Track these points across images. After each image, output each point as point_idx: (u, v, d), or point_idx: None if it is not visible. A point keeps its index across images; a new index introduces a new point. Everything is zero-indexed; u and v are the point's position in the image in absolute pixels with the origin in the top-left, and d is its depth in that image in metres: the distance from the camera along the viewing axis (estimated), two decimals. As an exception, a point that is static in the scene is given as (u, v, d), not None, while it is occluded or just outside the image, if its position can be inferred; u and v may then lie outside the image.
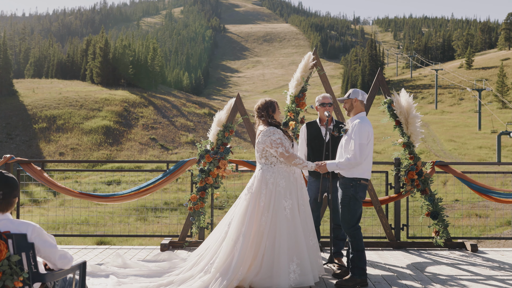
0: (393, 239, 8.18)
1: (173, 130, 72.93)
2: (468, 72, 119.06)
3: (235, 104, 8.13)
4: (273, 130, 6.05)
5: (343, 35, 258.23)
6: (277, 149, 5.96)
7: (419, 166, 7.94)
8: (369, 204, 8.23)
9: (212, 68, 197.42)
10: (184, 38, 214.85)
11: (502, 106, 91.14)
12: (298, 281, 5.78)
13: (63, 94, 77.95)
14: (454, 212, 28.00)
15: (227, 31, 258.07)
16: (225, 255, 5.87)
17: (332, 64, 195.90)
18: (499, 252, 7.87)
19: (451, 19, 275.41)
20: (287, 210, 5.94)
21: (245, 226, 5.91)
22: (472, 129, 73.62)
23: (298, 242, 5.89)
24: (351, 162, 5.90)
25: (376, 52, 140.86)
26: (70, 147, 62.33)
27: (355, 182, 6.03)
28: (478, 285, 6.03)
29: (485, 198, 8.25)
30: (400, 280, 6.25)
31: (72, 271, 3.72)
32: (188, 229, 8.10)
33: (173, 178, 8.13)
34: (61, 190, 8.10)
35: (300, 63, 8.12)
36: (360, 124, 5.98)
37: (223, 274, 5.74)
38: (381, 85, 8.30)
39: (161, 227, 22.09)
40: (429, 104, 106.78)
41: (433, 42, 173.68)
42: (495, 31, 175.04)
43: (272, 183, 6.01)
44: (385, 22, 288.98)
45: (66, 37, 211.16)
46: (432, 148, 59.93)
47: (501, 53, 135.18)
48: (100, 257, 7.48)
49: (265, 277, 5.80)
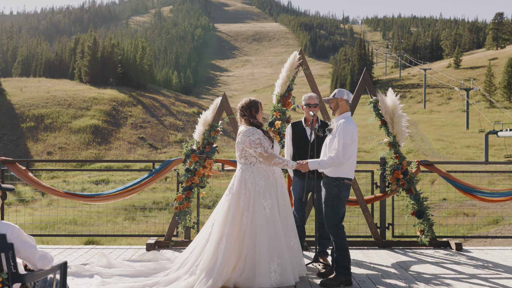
0: (378, 238, 8.21)
1: (162, 129, 72.77)
2: (456, 72, 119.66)
3: (221, 103, 8.12)
4: (252, 130, 6.05)
5: (332, 34, 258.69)
6: (256, 149, 5.97)
7: (405, 165, 7.97)
8: (355, 203, 8.25)
9: (201, 67, 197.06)
10: (173, 37, 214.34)
11: (489, 105, 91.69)
12: (279, 281, 5.78)
13: (51, 93, 77.54)
14: (442, 211, 28.14)
15: (216, 30, 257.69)
16: (209, 256, 5.87)
17: (321, 64, 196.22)
18: (484, 251, 7.91)
19: (439, 19, 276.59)
20: (266, 210, 5.94)
21: (227, 227, 5.91)
22: (460, 128, 74.02)
23: (279, 242, 5.89)
24: (334, 161, 5.91)
25: (365, 52, 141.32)
26: (58, 146, 62.02)
27: (338, 181, 6.05)
28: (462, 284, 6.07)
29: (470, 197, 8.28)
30: (385, 279, 6.28)
31: (53, 271, 3.69)
32: (174, 228, 8.09)
33: (158, 177, 8.11)
34: (46, 190, 8.06)
35: (286, 62, 8.13)
36: (345, 124, 5.99)
37: (207, 274, 5.74)
38: (367, 84, 8.32)
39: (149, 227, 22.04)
40: (417, 103, 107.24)
41: (421, 41, 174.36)
42: (483, 31, 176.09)
43: (251, 183, 6.01)
44: (374, 21, 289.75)
45: (54, 35, 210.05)
46: (421, 147, 60.19)
47: (489, 52, 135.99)
48: (85, 257, 7.45)
49: (248, 277, 5.80)
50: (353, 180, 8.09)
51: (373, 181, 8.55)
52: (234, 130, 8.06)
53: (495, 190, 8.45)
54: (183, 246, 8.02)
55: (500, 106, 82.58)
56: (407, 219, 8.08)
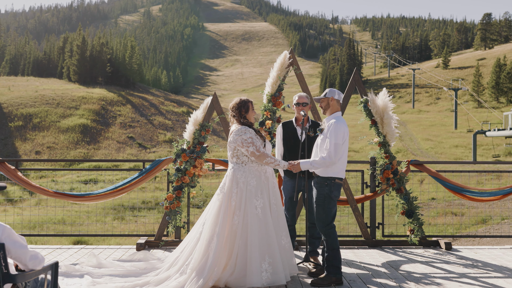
0: (368, 237, 8.24)
1: (151, 129, 72.55)
2: (444, 72, 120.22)
3: (211, 103, 8.11)
4: (244, 129, 6.05)
5: (321, 34, 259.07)
6: (248, 148, 5.97)
7: (395, 165, 8.00)
8: (345, 203, 8.28)
9: (191, 66, 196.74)
10: (162, 36, 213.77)
11: (478, 105, 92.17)
12: (270, 280, 5.79)
13: (40, 92, 77.08)
14: (430, 211, 28.24)
15: (206, 29, 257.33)
16: (200, 255, 5.87)
17: (310, 63, 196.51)
18: (473, 250, 7.96)
19: (428, 19, 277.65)
20: (258, 209, 5.94)
21: (218, 226, 5.90)
22: (449, 128, 74.36)
23: (270, 241, 5.89)
24: (325, 161, 5.92)
25: (354, 52, 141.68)
26: (46, 146, 61.66)
27: (329, 181, 6.06)
28: (452, 283, 6.10)
29: (459, 197, 8.33)
30: (375, 278, 6.30)
31: (44, 272, 3.67)
32: (164, 228, 8.07)
33: (149, 177, 8.08)
34: (35, 189, 8.01)
35: (276, 61, 8.13)
36: (336, 124, 6.00)
37: (198, 274, 5.73)
38: (357, 84, 8.34)
39: (138, 226, 22.00)
40: (406, 103, 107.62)
41: (410, 41, 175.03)
42: (471, 31, 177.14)
43: (243, 182, 6.01)
44: (363, 21, 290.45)
45: (43, 34, 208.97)
46: (409, 146, 60.42)
47: (477, 53, 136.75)
48: (75, 257, 7.42)
49: (239, 276, 5.80)
50: (344, 180, 8.11)
51: (363, 181, 8.58)
52: (225, 129, 8.05)
53: (484, 190, 8.50)
54: (173, 246, 8.01)
55: (488, 106, 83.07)
56: (397, 218, 8.10)
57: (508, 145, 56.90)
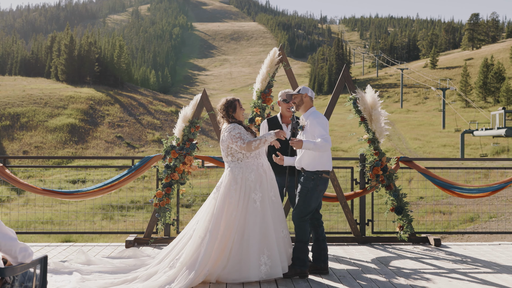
0: (358, 234, 8.25)
1: (140, 128, 72.37)
2: (432, 72, 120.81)
3: (201, 99, 8.08)
4: (233, 126, 6.08)
5: (310, 34, 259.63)
6: (236, 143, 5.98)
7: (384, 161, 8.02)
8: (335, 199, 8.28)
9: (179, 66, 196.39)
10: (151, 36, 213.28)
11: (465, 105, 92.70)
12: (269, 273, 5.82)
13: (27, 91, 76.64)
14: (419, 209, 28.35)
15: (194, 29, 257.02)
16: (191, 250, 5.85)
17: (299, 63, 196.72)
18: (462, 246, 7.99)
19: (416, 19, 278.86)
20: (257, 202, 5.96)
21: (212, 223, 5.89)
22: (437, 128, 74.72)
23: (268, 235, 5.91)
24: (326, 144, 5.88)
25: (343, 51, 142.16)
26: (34, 145, 61.32)
27: (316, 175, 6.09)
28: (441, 278, 6.11)
29: (448, 193, 8.36)
30: (365, 274, 6.30)
31: (33, 266, 3.62)
32: (153, 225, 8.03)
33: (138, 174, 8.04)
34: (23, 187, 7.94)
35: (266, 58, 8.12)
36: (316, 115, 6.13)
37: (189, 268, 5.71)
38: (347, 81, 8.34)
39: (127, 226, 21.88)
40: (394, 103, 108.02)
41: (398, 41, 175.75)
42: (459, 32, 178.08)
43: (241, 178, 6.01)
44: (351, 21, 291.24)
45: (30, 33, 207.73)
46: (398, 146, 60.67)
47: (465, 53, 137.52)
48: (64, 254, 7.36)
49: (232, 270, 5.80)
50: (333, 177, 8.12)
51: (352, 178, 8.59)
52: (214, 127, 8.04)
53: (473, 186, 8.54)
54: (163, 243, 7.98)
55: (475, 105, 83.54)
56: (387, 215, 8.12)
57: (495, 144, 57.27)
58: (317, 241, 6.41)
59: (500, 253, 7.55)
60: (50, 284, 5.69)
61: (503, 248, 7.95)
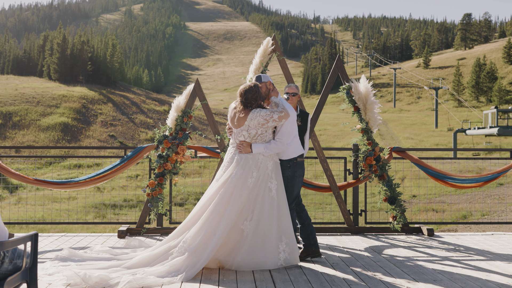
0: (351, 224, 8.24)
1: (133, 127, 72.21)
2: (425, 71, 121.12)
3: (194, 89, 8.05)
4: (258, 109, 5.91)
5: (303, 33, 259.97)
6: (272, 117, 5.85)
7: (377, 151, 8.01)
8: (328, 190, 8.26)
9: (172, 65, 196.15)
10: (144, 35, 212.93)
11: (458, 104, 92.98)
12: (288, 261, 5.83)
13: (20, 90, 76.30)
14: (412, 207, 28.41)
15: (187, 28, 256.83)
16: (203, 236, 5.69)
17: (292, 63, 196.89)
18: (455, 236, 8.00)
19: (409, 19, 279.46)
20: (273, 191, 5.94)
21: (228, 210, 5.76)
22: (429, 127, 74.89)
23: (285, 222, 5.90)
24: (279, 146, 6.05)
25: (336, 51, 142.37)
26: (26, 144, 61.05)
27: (292, 162, 6.19)
28: (435, 265, 6.11)
29: (441, 184, 8.36)
30: (358, 261, 6.29)
31: (23, 242, 3.53)
32: (146, 215, 7.98)
33: (131, 164, 8.00)
34: (15, 177, 7.87)
35: (259, 48, 8.10)
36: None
37: (198, 254, 5.55)
38: (340, 71, 8.33)
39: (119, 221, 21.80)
40: (387, 102, 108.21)
41: (391, 41, 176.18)
42: (452, 31, 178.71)
43: (262, 165, 5.97)
44: (344, 21, 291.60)
45: (23, 33, 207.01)
46: (391, 145, 60.75)
47: (457, 53, 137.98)
48: (56, 244, 7.30)
49: (247, 258, 5.71)
50: (327, 167, 8.11)
51: (346, 168, 8.57)
52: (207, 116, 8.01)
53: (466, 177, 8.54)
54: (155, 234, 7.94)
55: (468, 105, 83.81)
56: (380, 205, 8.12)
57: (487, 143, 57.46)
58: (303, 226, 6.46)
59: (493, 242, 7.57)
60: (46, 268, 5.62)
61: (496, 237, 7.97)
